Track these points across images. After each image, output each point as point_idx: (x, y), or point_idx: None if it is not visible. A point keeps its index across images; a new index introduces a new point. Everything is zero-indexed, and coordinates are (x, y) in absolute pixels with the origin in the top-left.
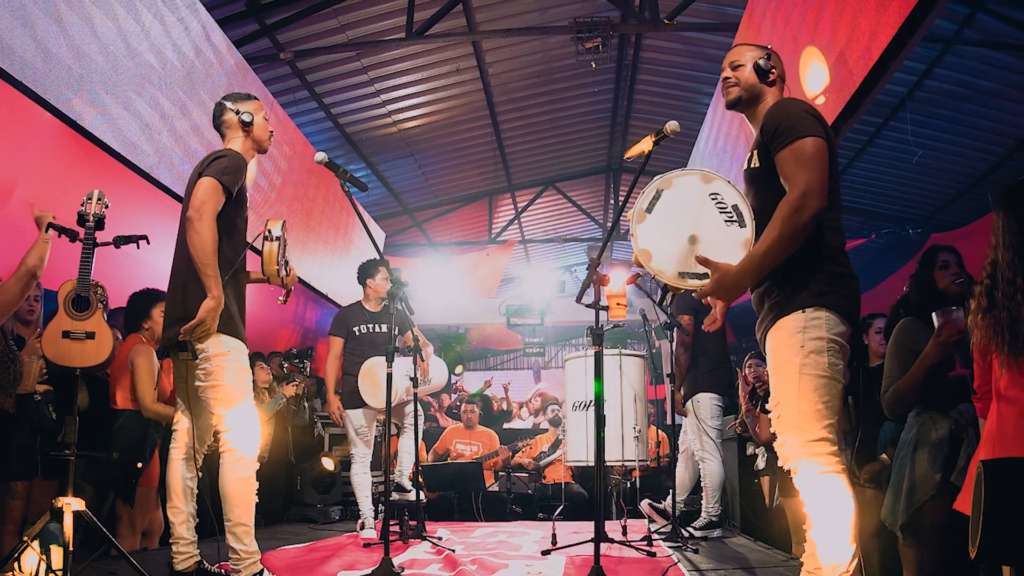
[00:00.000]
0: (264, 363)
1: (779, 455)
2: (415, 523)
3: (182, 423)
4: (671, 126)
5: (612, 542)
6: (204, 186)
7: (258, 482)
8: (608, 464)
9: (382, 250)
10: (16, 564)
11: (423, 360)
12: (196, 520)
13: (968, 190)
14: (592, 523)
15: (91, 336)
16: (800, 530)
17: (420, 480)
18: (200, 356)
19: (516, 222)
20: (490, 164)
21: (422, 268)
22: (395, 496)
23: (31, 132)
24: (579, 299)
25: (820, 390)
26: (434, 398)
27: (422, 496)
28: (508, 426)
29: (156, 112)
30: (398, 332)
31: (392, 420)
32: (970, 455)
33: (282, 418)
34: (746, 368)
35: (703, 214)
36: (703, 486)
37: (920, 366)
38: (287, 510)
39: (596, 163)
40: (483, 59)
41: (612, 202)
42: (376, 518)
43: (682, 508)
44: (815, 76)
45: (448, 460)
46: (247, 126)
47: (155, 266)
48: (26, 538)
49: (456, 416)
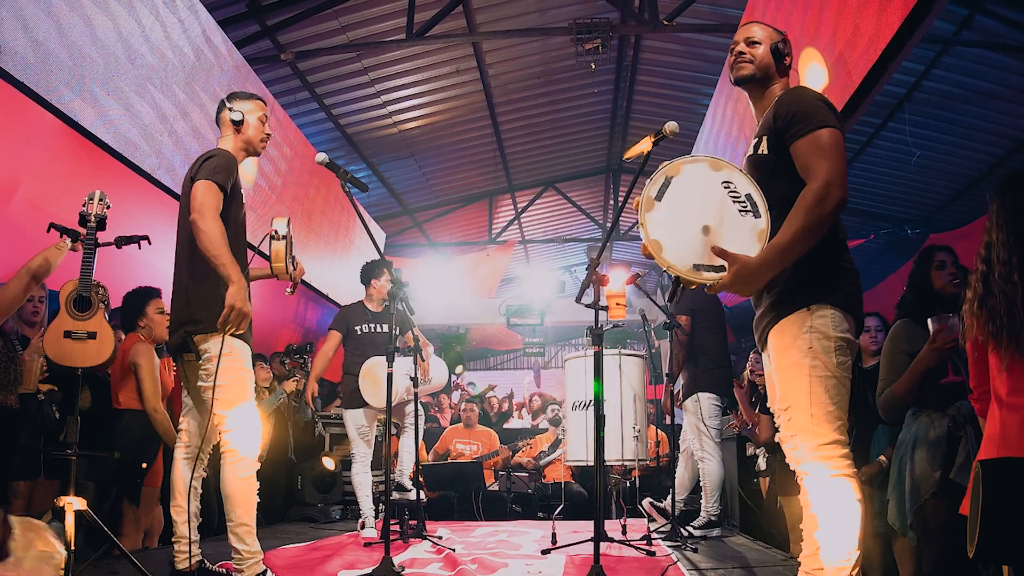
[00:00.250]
0: (264, 363)
1: (788, 457)
2: (415, 522)
3: (187, 424)
4: (670, 127)
5: (612, 541)
6: (200, 189)
7: (259, 482)
8: (608, 464)
9: (382, 251)
10: None
11: (423, 360)
12: (199, 520)
13: (967, 191)
14: (592, 522)
15: (92, 336)
16: (798, 529)
17: (420, 479)
18: (203, 357)
19: (516, 222)
20: (490, 165)
21: (422, 268)
22: (395, 495)
23: (33, 133)
24: (579, 299)
25: (831, 391)
26: (436, 407)
27: (422, 495)
28: (508, 426)
29: (156, 113)
30: (399, 332)
31: (392, 420)
32: (969, 452)
33: (283, 416)
34: (749, 367)
35: (716, 203)
36: (702, 486)
37: (914, 371)
38: (288, 509)
39: (596, 164)
40: (483, 60)
41: (612, 202)
42: (377, 517)
43: (682, 508)
44: (814, 76)
45: (448, 460)
46: (237, 125)
47: (156, 266)
48: None
49: (458, 418)
